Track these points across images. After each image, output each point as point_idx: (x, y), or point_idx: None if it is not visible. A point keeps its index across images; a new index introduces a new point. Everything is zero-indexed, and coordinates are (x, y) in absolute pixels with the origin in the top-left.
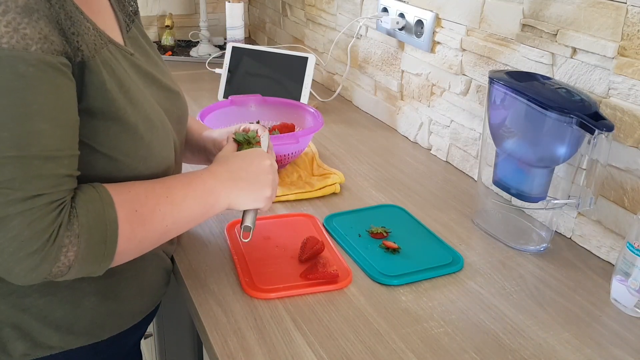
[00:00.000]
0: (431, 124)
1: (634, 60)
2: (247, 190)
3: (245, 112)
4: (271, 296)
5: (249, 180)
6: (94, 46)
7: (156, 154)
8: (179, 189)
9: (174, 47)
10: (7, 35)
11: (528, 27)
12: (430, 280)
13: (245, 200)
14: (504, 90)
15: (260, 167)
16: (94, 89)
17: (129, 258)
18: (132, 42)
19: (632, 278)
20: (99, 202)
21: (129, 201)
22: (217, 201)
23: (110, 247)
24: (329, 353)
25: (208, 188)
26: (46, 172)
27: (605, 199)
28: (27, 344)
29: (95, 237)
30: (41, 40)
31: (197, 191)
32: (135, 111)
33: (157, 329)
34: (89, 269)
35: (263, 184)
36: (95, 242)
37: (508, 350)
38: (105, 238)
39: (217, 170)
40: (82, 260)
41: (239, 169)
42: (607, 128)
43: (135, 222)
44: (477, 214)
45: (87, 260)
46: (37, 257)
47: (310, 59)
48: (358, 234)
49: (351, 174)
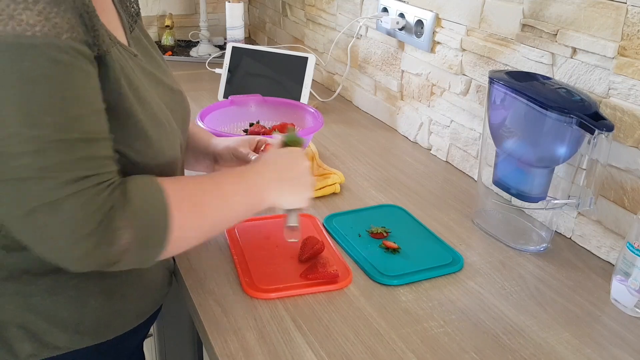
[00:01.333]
0: (431, 124)
1: (634, 60)
2: (292, 190)
3: (245, 112)
4: (271, 296)
5: (293, 180)
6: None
7: (164, 153)
8: (227, 184)
9: (174, 47)
10: (40, 24)
11: (528, 27)
12: (430, 280)
13: (289, 200)
14: (504, 90)
15: (303, 168)
16: (109, 83)
17: (178, 249)
18: (135, 43)
19: (632, 278)
20: (150, 188)
21: (179, 190)
22: (263, 199)
23: (163, 231)
24: (329, 353)
25: (256, 186)
26: (90, 154)
27: (605, 199)
28: (33, 345)
29: (148, 220)
30: (70, 29)
31: (245, 188)
32: (143, 109)
33: (157, 329)
34: (143, 254)
35: (306, 185)
36: (149, 226)
37: (508, 351)
38: (158, 222)
39: (262, 169)
40: (137, 245)
41: (283, 169)
42: (607, 128)
43: (186, 209)
44: (477, 214)
45: (142, 244)
46: (92, 240)
47: (310, 59)
48: (358, 234)
49: (351, 174)
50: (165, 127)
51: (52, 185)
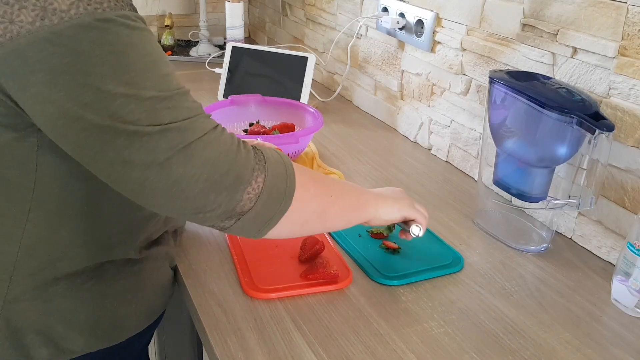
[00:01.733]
0: (431, 123)
1: (634, 60)
2: (391, 204)
3: (245, 112)
4: (271, 296)
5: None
6: None
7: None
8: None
9: (173, 47)
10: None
11: (528, 27)
12: (431, 281)
13: (387, 210)
14: (504, 90)
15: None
16: None
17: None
18: None
19: (633, 278)
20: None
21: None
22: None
23: (291, 183)
24: (329, 353)
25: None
26: (192, 105)
27: (605, 199)
28: (50, 350)
29: (279, 169)
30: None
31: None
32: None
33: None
34: (271, 206)
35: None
36: (280, 175)
37: (508, 351)
38: (287, 174)
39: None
40: (269, 191)
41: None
42: (607, 128)
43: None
44: (478, 214)
45: (272, 192)
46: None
47: (310, 59)
48: (358, 234)
49: (351, 174)
50: None
51: (177, 134)
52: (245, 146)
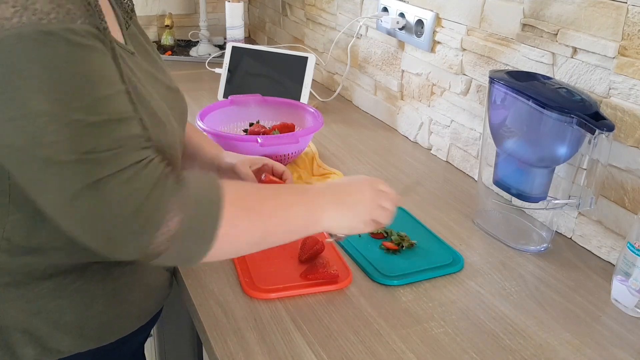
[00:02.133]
0: (431, 123)
1: (634, 60)
2: (346, 217)
3: (245, 111)
4: (271, 296)
5: (349, 205)
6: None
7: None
8: (286, 195)
9: (173, 47)
10: (54, 12)
11: (528, 27)
12: (431, 281)
13: (341, 226)
14: (504, 90)
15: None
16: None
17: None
18: (131, 40)
19: (633, 278)
20: (207, 178)
21: (236, 189)
22: (319, 218)
23: (213, 224)
24: (329, 353)
25: (316, 204)
26: (123, 134)
27: (605, 199)
28: (37, 349)
29: (200, 209)
30: (83, 15)
31: (305, 202)
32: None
33: (157, 329)
34: (190, 247)
35: (360, 213)
36: (199, 215)
37: (508, 351)
38: (210, 212)
39: (322, 189)
40: (184, 233)
41: (343, 191)
42: (607, 128)
43: (241, 208)
44: (478, 214)
45: (189, 235)
46: (139, 220)
47: (310, 59)
48: (358, 234)
49: (351, 174)
50: (164, 125)
51: (91, 167)
52: (165, 184)
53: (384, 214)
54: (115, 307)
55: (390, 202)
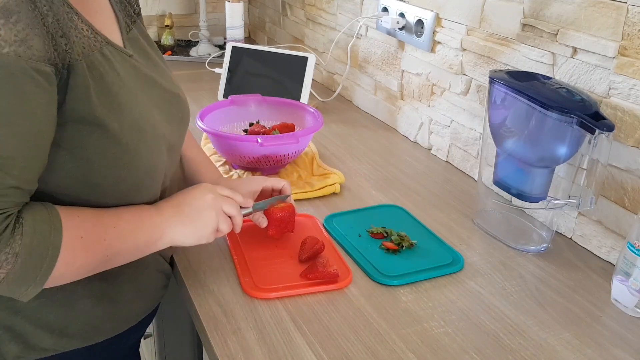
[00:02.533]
0: (431, 123)
1: (634, 60)
2: (189, 228)
3: (245, 111)
4: (271, 296)
5: (191, 216)
6: (82, 49)
7: (143, 161)
8: (126, 221)
9: (173, 47)
10: None
11: (528, 27)
12: (431, 281)
13: (187, 238)
14: (504, 90)
15: (203, 202)
16: (78, 92)
17: (61, 283)
18: (132, 44)
19: (633, 278)
20: (47, 223)
21: (76, 227)
22: (161, 237)
23: (45, 272)
24: (329, 353)
25: (154, 223)
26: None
27: (605, 199)
28: (20, 346)
29: (33, 259)
30: (16, 43)
31: (144, 225)
32: (121, 117)
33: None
34: (15, 290)
35: (205, 221)
36: (31, 265)
37: (508, 351)
38: (44, 263)
39: (163, 205)
40: (12, 281)
41: (182, 204)
42: (607, 128)
43: (78, 248)
44: (478, 214)
45: (17, 281)
46: None
47: (310, 59)
48: (358, 234)
49: (351, 174)
50: (146, 133)
51: None
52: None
53: (225, 222)
54: (102, 308)
55: (233, 207)
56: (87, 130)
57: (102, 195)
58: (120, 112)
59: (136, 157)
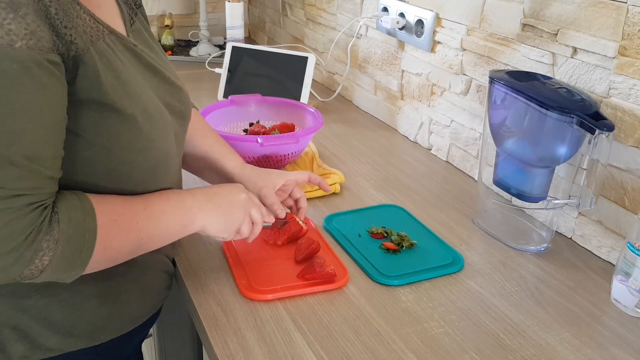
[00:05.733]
0: (431, 123)
1: (634, 59)
2: (220, 218)
3: (245, 111)
4: (268, 297)
5: (224, 208)
6: (89, 37)
7: (156, 146)
8: (157, 204)
9: (173, 47)
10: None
11: (528, 27)
12: (431, 281)
13: (215, 227)
14: (504, 90)
15: (236, 199)
16: (88, 81)
17: (100, 268)
18: (135, 36)
19: (633, 278)
20: (80, 210)
21: (109, 211)
22: (193, 221)
23: (85, 256)
24: (329, 353)
25: (187, 206)
26: (27, 173)
27: (605, 199)
28: (26, 346)
29: (73, 245)
30: (27, 36)
31: (176, 208)
32: (132, 103)
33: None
34: (60, 275)
35: (235, 217)
36: (72, 250)
37: (508, 351)
38: (83, 247)
39: (196, 192)
40: (56, 266)
41: (216, 194)
42: (607, 128)
43: (114, 232)
44: (478, 214)
45: (60, 267)
46: (11, 257)
47: (310, 59)
48: (358, 234)
49: (351, 174)
50: (156, 120)
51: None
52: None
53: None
54: (108, 308)
55: (259, 215)
56: (101, 115)
57: (119, 181)
58: (131, 98)
59: (150, 142)
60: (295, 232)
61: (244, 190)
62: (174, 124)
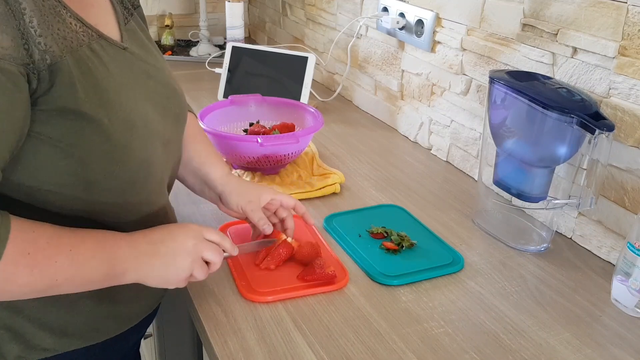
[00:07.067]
0: (431, 123)
1: (634, 59)
2: (161, 269)
3: (245, 111)
4: (269, 299)
5: (166, 258)
6: (69, 44)
7: (135, 156)
8: (87, 246)
9: (173, 47)
10: None
11: (529, 27)
12: (431, 281)
13: (153, 280)
14: (504, 90)
15: (181, 247)
16: (64, 89)
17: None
18: (129, 36)
19: (633, 278)
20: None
21: (26, 241)
22: (124, 273)
23: None
24: (329, 353)
25: (120, 256)
26: None
27: (605, 199)
28: (20, 346)
29: None
30: None
31: (107, 254)
32: (111, 112)
33: (157, 329)
34: None
35: (179, 267)
36: None
37: (508, 351)
38: None
39: (137, 239)
40: None
41: (158, 242)
42: (607, 128)
43: (22, 265)
44: (478, 214)
45: None
46: None
47: (310, 59)
48: (358, 234)
49: (351, 174)
50: (138, 129)
51: None
52: None
53: (201, 269)
54: (103, 308)
55: (215, 255)
56: (76, 126)
57: (97, 192)
58: (110, 108)
59: (128, 153)
60: (288, 254)
61: (194, 234)
62: (165, 130)
